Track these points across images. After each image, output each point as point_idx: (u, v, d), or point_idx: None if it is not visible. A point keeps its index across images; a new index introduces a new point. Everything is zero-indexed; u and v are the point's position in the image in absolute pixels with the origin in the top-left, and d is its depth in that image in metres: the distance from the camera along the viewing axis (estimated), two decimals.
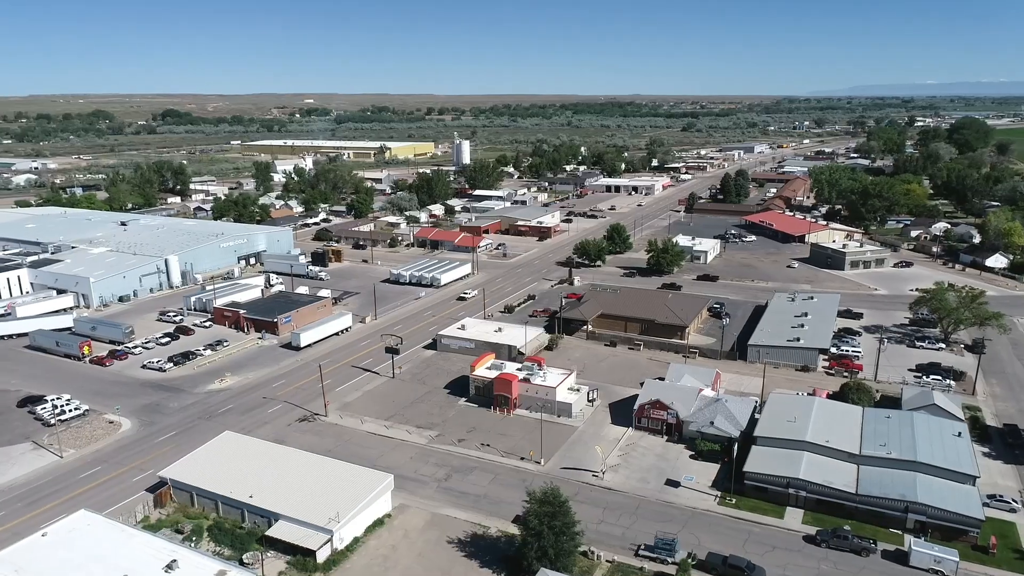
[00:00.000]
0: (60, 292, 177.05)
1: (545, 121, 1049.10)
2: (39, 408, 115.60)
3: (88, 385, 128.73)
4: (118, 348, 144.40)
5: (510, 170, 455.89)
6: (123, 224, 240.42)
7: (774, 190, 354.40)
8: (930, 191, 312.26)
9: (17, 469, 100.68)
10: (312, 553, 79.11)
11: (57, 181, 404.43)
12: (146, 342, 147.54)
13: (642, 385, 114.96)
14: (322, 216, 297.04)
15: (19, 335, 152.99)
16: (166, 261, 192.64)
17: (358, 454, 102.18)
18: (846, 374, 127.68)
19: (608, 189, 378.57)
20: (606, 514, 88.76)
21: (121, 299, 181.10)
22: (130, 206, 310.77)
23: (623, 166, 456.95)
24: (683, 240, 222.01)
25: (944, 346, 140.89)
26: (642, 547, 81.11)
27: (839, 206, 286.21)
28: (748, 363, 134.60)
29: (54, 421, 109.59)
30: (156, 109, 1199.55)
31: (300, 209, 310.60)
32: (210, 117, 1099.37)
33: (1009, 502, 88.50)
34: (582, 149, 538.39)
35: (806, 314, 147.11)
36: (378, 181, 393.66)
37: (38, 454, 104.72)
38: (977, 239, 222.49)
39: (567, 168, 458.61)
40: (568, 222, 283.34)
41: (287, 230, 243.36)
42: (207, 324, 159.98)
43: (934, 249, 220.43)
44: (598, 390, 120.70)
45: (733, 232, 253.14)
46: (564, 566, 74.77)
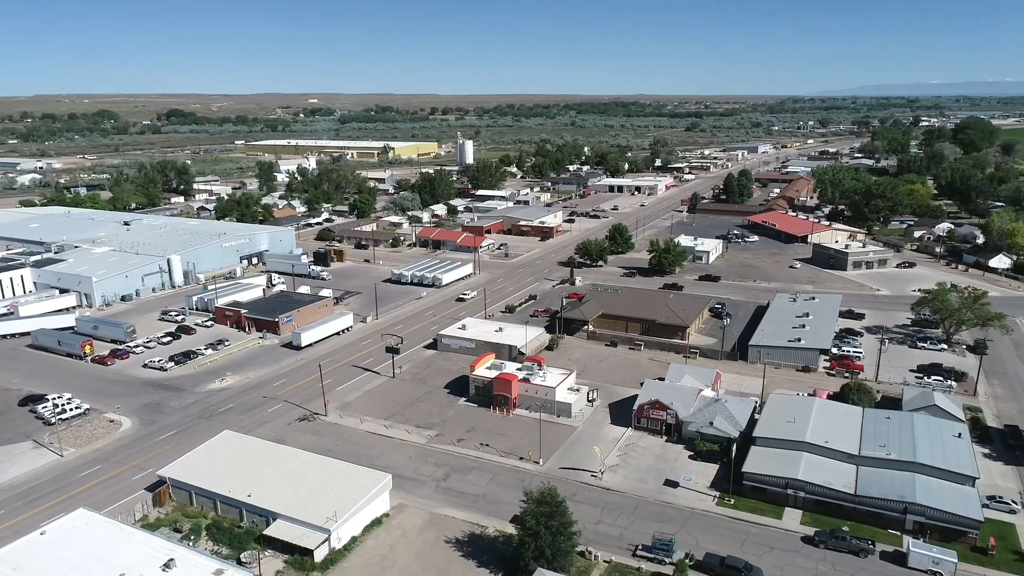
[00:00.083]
0: (63, 291, 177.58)
1: (549, 121, 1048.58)
2: (40, 407, 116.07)
3: (89, 384, 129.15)
4: (120, 347, 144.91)
5: (513, 170, 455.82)
6: (126, 224, 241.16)
7: (777, 190, 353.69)
8: (934, 191, 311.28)
9: (18, 468, 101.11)
10: (310, 552, 79.24)
11: (61, 181, 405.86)
12: (147, 341, 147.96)
13: (642, 385, 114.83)
14: (325, 216, 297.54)
15: (22, 334, 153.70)
16: (168, 261, 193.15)
17: (357, 453, 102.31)
18: (847, 375, 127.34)
19: (611, 189, 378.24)
20: (604, 514, 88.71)
21: (123, 298, 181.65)
22: (134, 206, 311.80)
23: (626, 166, 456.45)
24: (685, 240, 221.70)
25: (946, 347, 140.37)
26: (640, 547, 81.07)
27: (842, 206, 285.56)
28: (749, 363, 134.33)
29: (55, 420, 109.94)
30: (161, 109, 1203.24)
31: (303, 209, 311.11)
32: (214, 117, 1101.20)
33: (1009, 503, 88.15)
34: (585, 149, 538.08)
35: (807, 314, 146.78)
36: (381, 181, 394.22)
37: (39, 453, 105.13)
38: (981, 240, 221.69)
39: (570, 168, 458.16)
40: (570, 222, 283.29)
41: (289, 230, 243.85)
42: (209, 323, 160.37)
43: (937, 250, 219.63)
44: (598, 390, 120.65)
45: (735, 232, 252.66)
46: (561, 566, 74.77)
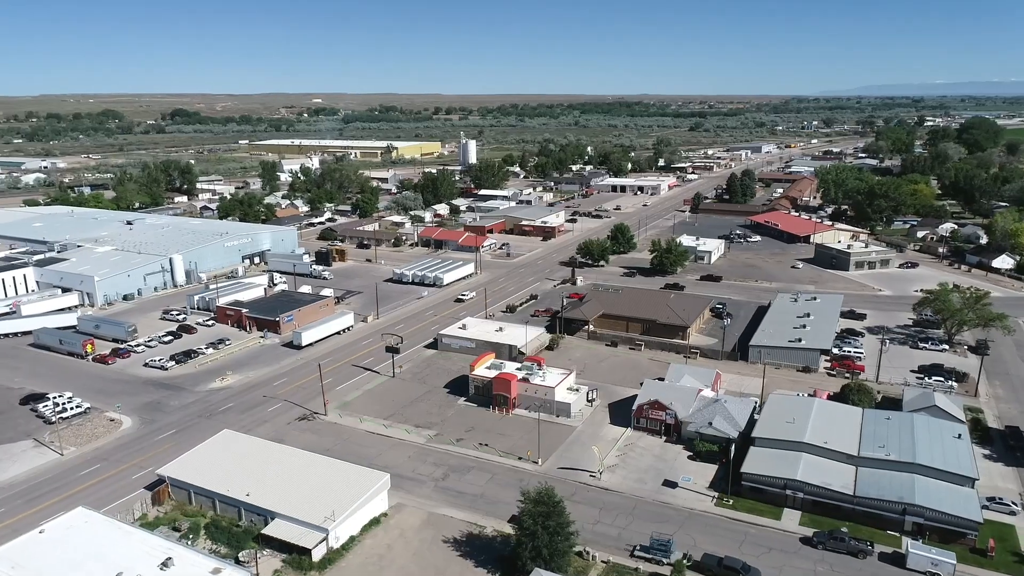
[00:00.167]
0: (65, 291, 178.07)
1: (552, 121, 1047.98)
2: (41, 406, 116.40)
3: (90, 383, 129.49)
4: (121, 346, 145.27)
5: (516, 170, 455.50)
6: (129, 223, 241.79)
7: (780, 190, 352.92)
8: (938, 191, 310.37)
9: (18, 466, 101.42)
10: (308, 552, 79.31)
11: (66, 180, 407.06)
12: (148, 340, 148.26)
13: (641, 385, 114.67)
14: (327, 215, 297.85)
15: (24, 333, 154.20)
16: (170, 260, 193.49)
17: (356, 453, 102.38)
18: (847, 375, 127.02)
19: (614, 189, 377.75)
20: (602, 514, 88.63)
21: (125, 298, 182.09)
22: (137, 205, 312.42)
23: (629, 166, 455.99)
24: (687, 240, 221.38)
25: (947, 347, 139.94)
26: (637, 548, 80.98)
27: (845, 206, 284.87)
28: (749, 364, 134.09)
29: (55, 419, 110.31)
30: (165, 109, 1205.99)
31: (306, 208, 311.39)
32: (218, 117, 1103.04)
33: (1009, 505, 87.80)
34: (588, 149, 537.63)
35: (808, 315, 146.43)
36: (384, 181, 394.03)
37: (39, 451, 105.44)
38: (984, 240, 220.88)
39: (573, 168, 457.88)
40: (573, 222, 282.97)
41: (291, 229, 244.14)
42: (210, 323, 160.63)
43: (940, 250, 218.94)
44: (598, 390, 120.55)
45: (738, 232, 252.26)
46: (558, 566, 74.72)
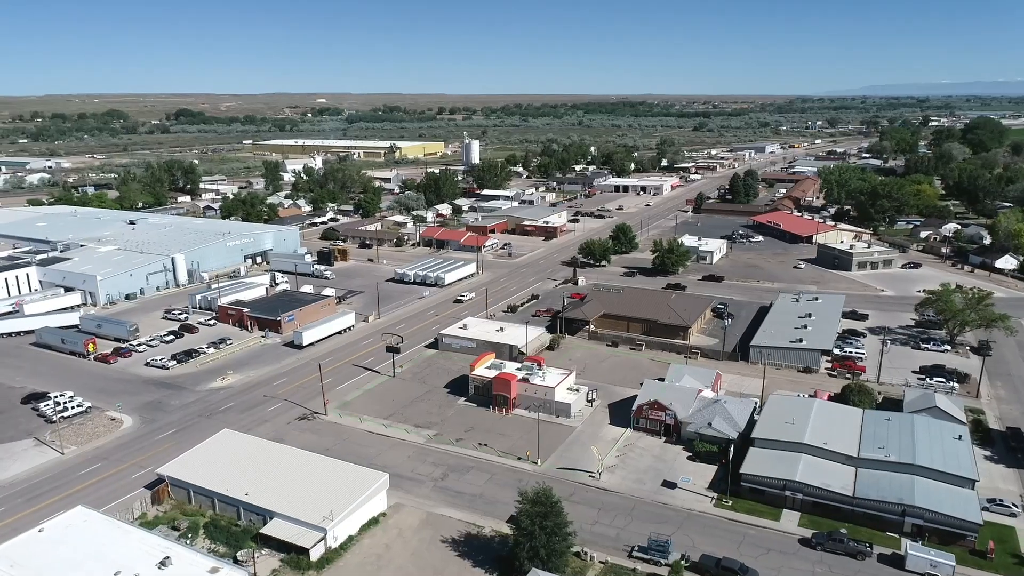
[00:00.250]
0: (68, 290, 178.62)
1: (556, 121, 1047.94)
2: (42, 405, 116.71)
3: (92, 382, 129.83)
4: (123, 346, 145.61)
5: (519, 170, 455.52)
6: (131, 223, 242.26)
7: (784, 190, 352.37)
8: (941, 192, 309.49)
9: (19, 465, 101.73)
10: (306, 551, 79.39)
11: (70, 180, 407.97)
12: (150, 340, 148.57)
13: (641, 385, 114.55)
14: (330, 215, 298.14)
15: (26, 332, 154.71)
16: (173, 260, 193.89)
17: (356, 453, 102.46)
18: (848, 376, 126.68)
19: (616, 189, 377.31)
20: (601, 515, 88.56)
21: (128, 297, 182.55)
22: (140, 205, 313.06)
23: (632, 166, 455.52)
24: (689, 240, 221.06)
25: (949, 348, 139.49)
26: (635, 548, 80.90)
27: (848, 207, 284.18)
28: (750, 364, 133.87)
29: (56, 418, 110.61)
30: (170, 109, 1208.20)
31: (308, 208, 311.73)
32: (223, 117, 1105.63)
33: (1009, 506, 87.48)
34: (592, 149, 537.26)
35: (810, 315, 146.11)
36: (387, 180, 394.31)
37: (40, 450, 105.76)
38: (987, 240, 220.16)
39: (576, 168, 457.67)
40: (575, 222, 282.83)
41: (294, 229, 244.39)
42: (211, 322, 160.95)
43: (943, 250, 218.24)
44: (598, 390, 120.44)
45: (740, 232, 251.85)
46: (556, 566, 74.69)
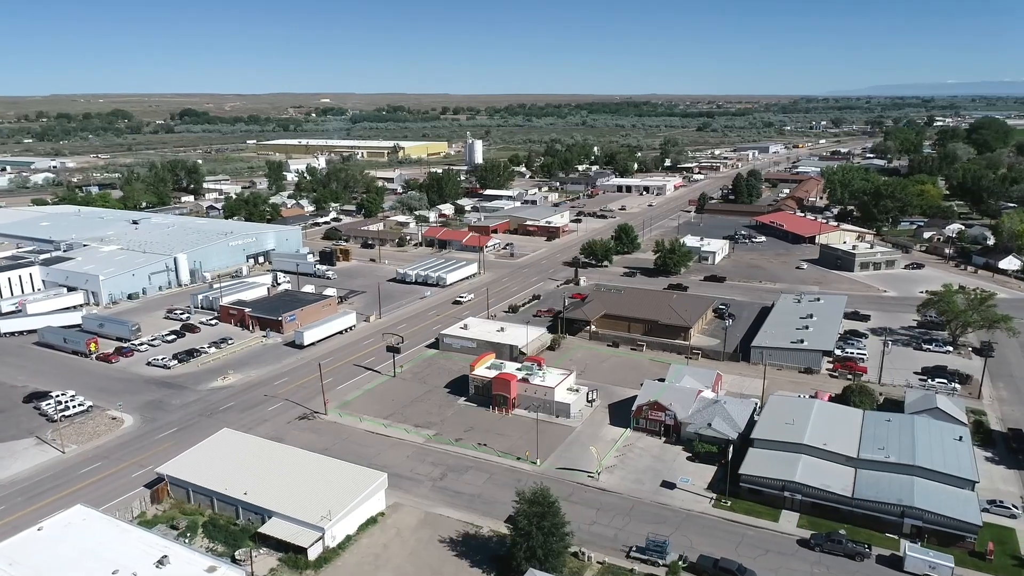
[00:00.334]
0: (70, 289, 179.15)
1: (560, 121, 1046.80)
2: (44, 404, 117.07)
3: (93, 381, 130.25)
4: (124, 345, 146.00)
5: (522, 170, 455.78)
6: (134, 222, 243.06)
7: (787, 190, 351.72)
8: (945, 192, 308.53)
9: (20, 464, 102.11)
10: (303, 551, 79.51)
11: (74, 180, 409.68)
12: (152, 339, 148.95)
13: (641, 386, 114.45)
14: (332, 215, 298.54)
15: (29, 331, 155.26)
16: (175, 259, 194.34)
17: (355, 452, 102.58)
18: (849, 377, 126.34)
19: (619, 189, 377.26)
20: (599, 515, 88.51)
21: (130, 297, 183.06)
22: (144, 205, 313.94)
23: (635, 166, 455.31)
24: (691, 241, 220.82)
25: (951, 349, 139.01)
26: (633, 548, 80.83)
27: (851, 207, 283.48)
28: (751, 364, 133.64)
29: (58, 417, 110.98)
30: (174, 108, 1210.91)
31: (311, 208, 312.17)
32: (227, 116, 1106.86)
33: (1009, 508, 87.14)
34: (595, 149, 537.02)
35: (811, 316, 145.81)
36: (390, 180, 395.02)
37: (41, 449, 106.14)
38: (991, 241, 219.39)
39: (579, 168, 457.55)
40: (577, 222, 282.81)
41: (296, 229, 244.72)
42: (213, 322, 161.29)
43: (947, 251, 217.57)
44: (598, 391, 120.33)
45: (743, 233, 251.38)
46: (553, 566, 74.65)
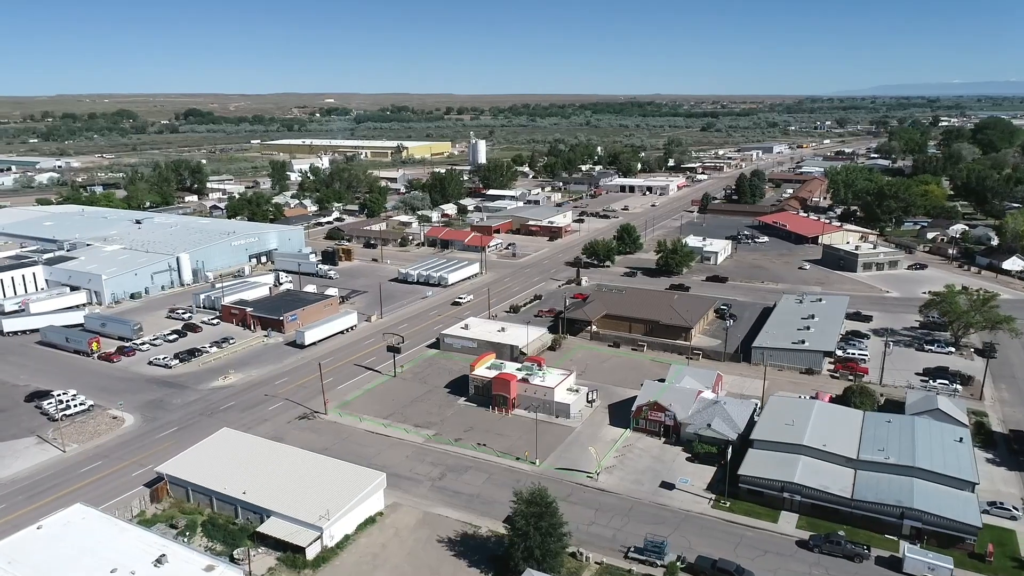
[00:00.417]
0: (73, 289, 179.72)
1: (564, 121, 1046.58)
2: (45, 403, 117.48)
3: (95, 381, 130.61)
4: (126, 344, 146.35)
5: (525, 170, 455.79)
6: (138, 222, 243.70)
7: (791, 191, 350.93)
8: (950, 192, 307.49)
9: (21, 462, 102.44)
10: (302, 550, 79.60)
11: (78, 180, 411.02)
12: (153, 339, 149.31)
13: (641, 386, 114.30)
14: (335, 215, 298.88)
15: (32, 331, 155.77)
16: (178, 259, 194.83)
17: (355, 452, 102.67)
18: (851, 377, 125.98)
19: (622, 189, 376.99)
20: (598, 515, 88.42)
21: (133, 296, 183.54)
22: (148, 204, 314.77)
23: (639, 166, 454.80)
24: (694, 241, 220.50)
25: (954, 350, 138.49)
26: (631, 549, 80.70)
27: (855, 207, 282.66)
28: (752, 365, 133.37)
29: (59, 416, 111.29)
30: (179, 108, 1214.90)
31: (314, 208, 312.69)
32: (231, 116, 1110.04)
33: (1009, 509, 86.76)
34: (598, 149, 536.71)
35: (813, 316, 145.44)
36: (393, 180, 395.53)
37: (42, 448, 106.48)
38: (995, 241, 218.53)
39: (582, 168, 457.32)
40: (580, 222, 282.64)
41: (298, 228, 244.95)
42: (215, 322, 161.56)
43: (950, 251, 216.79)
44: (598, 391, 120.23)
45: (745, 233, 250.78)
46: (551, 567, 74.59)
